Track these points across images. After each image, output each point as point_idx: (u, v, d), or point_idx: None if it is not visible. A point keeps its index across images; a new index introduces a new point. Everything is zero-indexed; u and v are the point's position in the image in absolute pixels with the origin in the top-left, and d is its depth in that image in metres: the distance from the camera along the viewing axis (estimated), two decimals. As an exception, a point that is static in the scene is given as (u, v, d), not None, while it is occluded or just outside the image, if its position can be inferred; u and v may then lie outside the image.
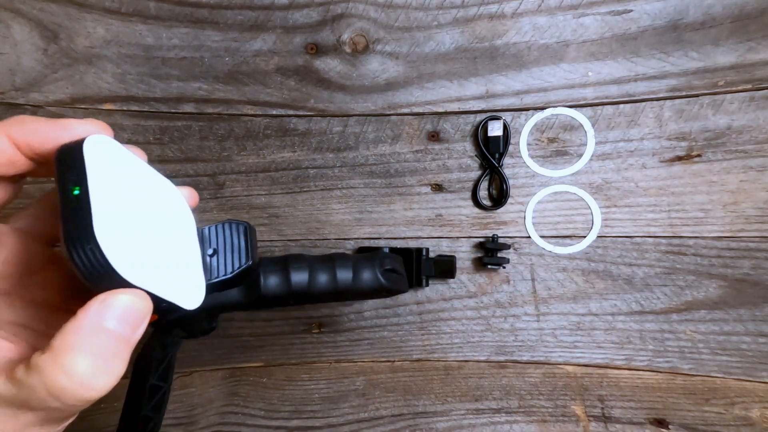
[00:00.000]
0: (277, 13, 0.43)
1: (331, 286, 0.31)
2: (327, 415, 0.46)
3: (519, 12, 0.43)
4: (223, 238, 0.28)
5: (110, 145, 0.22)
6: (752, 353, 0.44)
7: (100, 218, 0.19)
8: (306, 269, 0.31)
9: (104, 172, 0.21)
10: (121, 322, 0.19)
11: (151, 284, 0.20)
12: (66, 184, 0.20)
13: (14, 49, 0.43)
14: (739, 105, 0.43)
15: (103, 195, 0.21)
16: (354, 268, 0.32)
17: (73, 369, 0.18)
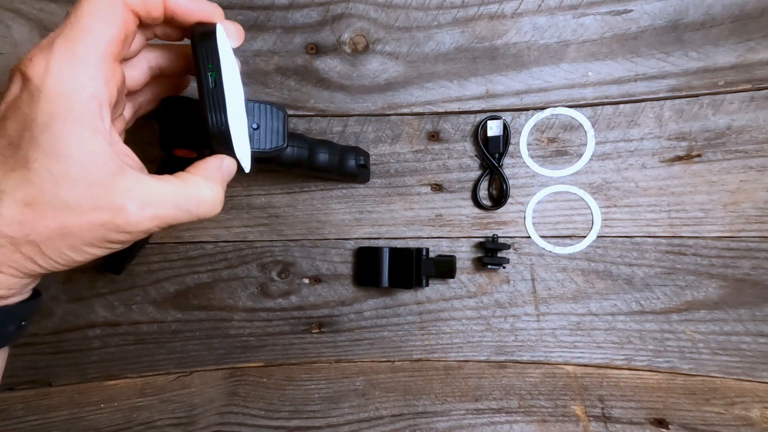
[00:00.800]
0: (277, 13, 0.43)
1: (318, 162, 0.40)
2: (327, 415, 0.46)
3: (519, 12, 0.43)
4: (266, 117, 0.35)
5: (220, 30, 0.30)
6: (752, 353, 0.44)
7: (228, 104, 0.30)
8: (306, 147, 0.39)
9: (224, 57, 0.30)
10: (227, 174, 0.32)
11: (241, 155, 0.32)
12: (205, 65, 0.29)
13: (14, 49, 0.43)
14: (739, 105, 0.43)
15: (226, 80, 0.30)
16: (339, 154, 0.41)
17: (206, 187, 0.29)
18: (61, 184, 0.24)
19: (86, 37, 0.25)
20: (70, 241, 0.26)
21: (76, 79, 0.25)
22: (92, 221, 0.25)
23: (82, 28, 0.25)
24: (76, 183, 0.25)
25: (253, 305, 0.46)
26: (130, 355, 0.46)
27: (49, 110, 0.24)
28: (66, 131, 0.24)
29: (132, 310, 0.45)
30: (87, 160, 0.25)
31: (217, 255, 0.45)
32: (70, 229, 0.25)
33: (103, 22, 0.25)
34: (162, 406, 0.46)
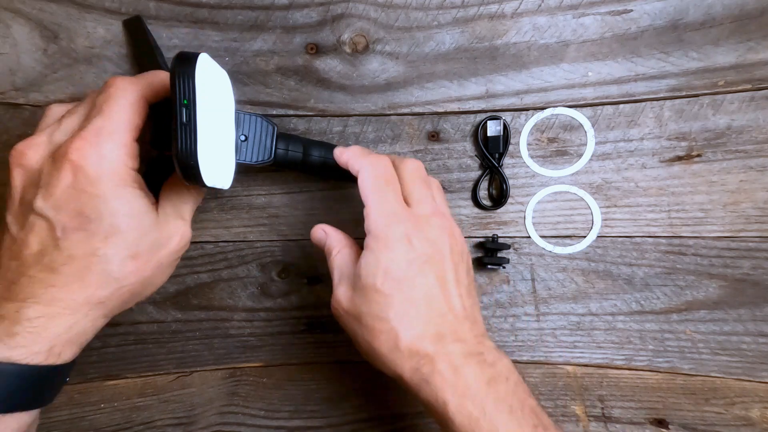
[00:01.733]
0: (277, 13, 0.43)
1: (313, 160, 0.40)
2: (327, 415, 0.46)
3: (519, 12, 0.43)
4: (255, 130, 0.36)
5: (203, 59, 0.31)
6: (752, 353, 0.44)
7: (200, 141, 0.30)
8: (300, 149, 0.39)
9: (202, 87, 0.30)
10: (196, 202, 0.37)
11: (213, 182, 0.32)
12: (180, 100, 0.29)
13: (14, 49, 0.43)
14: (739, 105, 0.43)
15: (201, 112, 0.30)
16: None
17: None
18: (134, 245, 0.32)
19: (121, 128, 0.31)
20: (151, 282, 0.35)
21: (120, 162, 0.31)
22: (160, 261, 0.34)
23: (119, 119, 0.31)
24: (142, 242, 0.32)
25: (253, 305, 0.46)
26: (130, 355, 0.46)
27: (111, 190, 0.30)
28: (122, 202, 0.31)
29: (132, 310, 0.45)
30: (142, 222, 0.32)
31: (217, 255, 0.45)
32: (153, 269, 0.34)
33: (132, 114, 0.32)
34: (162, 406, 0.46)
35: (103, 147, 0.30)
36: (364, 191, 0.34)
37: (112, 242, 0.30)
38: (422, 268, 0.33)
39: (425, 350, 0.31)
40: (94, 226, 0.30)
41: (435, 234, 0.34)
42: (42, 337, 0.29)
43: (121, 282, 0.31)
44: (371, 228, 0.34)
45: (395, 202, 0.34)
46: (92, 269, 0.30)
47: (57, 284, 0.30)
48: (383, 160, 0.35)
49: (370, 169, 0.34)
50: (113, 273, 0.31)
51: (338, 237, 0.37)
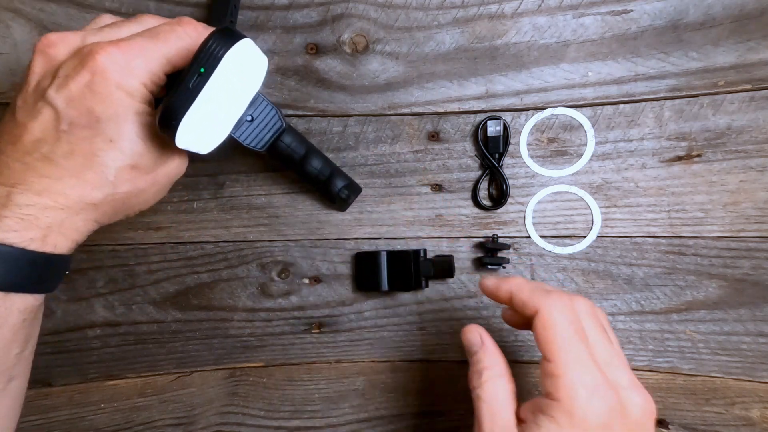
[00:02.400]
0: (277, 13, 0.43)
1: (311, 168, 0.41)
2: (327, 415, 0.46)
3: (519, 12, 0.43)
4: (264, 118, 0.36)
5: (245, 44, 0.31)
6: (752, 353, 0.44)
7: (192, 110, 0.30)
8: (304, 149, 0.40)
9: (229, 67, 0.31)
10: None
11: (186, 146, 0.32)
12: (198, 65, 0.30)
13: (14, 49, 0.43)
14: (739, 105, 0.43)
15: (211, 86, 0.30)
16: (330, 174, 0.42)
17: None
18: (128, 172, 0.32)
19: (161, 57, 0.31)
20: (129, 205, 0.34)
21: (144, 80, 0.31)
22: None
23: (163, 50, 0.31)
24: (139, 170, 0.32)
25: (253, 305, 0.46)
26: (130, 355, 0.46)
27: (126, 100, 0.30)
28: (134, 113, 0.31)
29: (132, 310, 0.45)
30: (148, 137, 0.32)
31: (217, 255, 0.45)
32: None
33: (181, 53, 0.32)
34: (162, 406, 0.46)
35: (133, 61, 0.30)
36: (549, 344, 0.29)
37: (116, 146, 0.30)
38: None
39: None
40: (102, 126, 0.30)
41: (637, 415, 0.29)
42: (34, 225, 0.29)
43: (115, 187, 0.31)
44: (564, 398, 0.27)
45: (594, 370, 0.28)
46: (91, 168, 0.30)
47: (52, 176, 0.29)
48: (566, 302, 0.29)
49: (555, 314, 0.29)
50: (110, 176, 0.31)
51: (495, 356, 0.31)
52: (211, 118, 0.32)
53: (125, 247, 0.45)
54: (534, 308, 0.30)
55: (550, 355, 0.28)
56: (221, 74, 0.31)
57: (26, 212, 0.29)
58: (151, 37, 0.31)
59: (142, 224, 0.45)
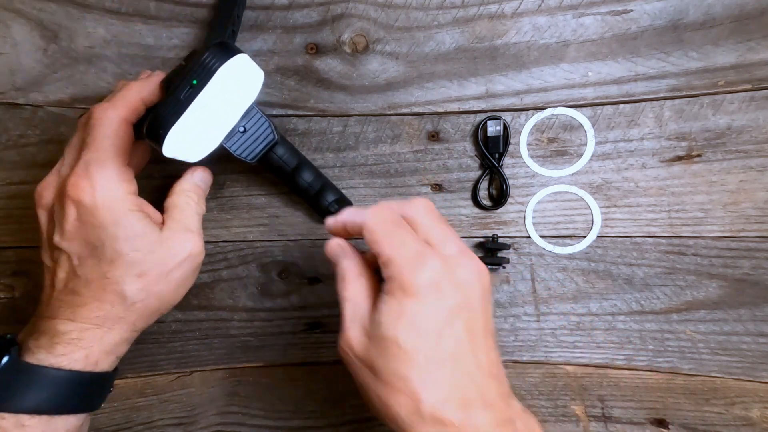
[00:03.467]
0: (277, 13, 0.43)
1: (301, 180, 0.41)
2: (327, 415, 0.46)
3: (519, 12, 0.43)
4: (257, 130, 0.36)
5: (242, 59, 0.32)
6: (752, 353, 0.44)
7: (181, 121, 0.31)
8: (296, 161, 0.40)
9: (222, 81, 0.31)
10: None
11: (173, 155, 0.34)
12: (190, 77, 0.31)
13: (14, 49, 0.43)
14: (739, 105, 0.43)
15: (202, 100, 0.31)
16: (320, 187, 0.42)
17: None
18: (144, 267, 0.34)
19: (109, 157, 0.34)
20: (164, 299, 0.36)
21: (114, 189, 0.34)
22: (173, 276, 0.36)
23: (103, 149, 0.34)
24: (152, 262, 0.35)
25: (253, 305, 0.46)
26: (130, 355, 0.45)
27: (108, 218, 0.33)
28: (121, 227, 0.33)
29: (132, 310, 0.45)
30: (144, 242, 0.34)
31: (217, 255, 0.45)
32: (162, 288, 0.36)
33: (116, 139, 0.34)
34: (162, 406, 0.46)
35: (94, 179, 0.33)
36: (375, 242, 0.31)
37: (117, 265, 0.33)
38: (451, 321, 0.30)
39: (450, 419, 0.28)
40: (99, 252, 0.33)
41: (465, 277, 0.31)
42: (77, 346, 0.33)
43: (133, 299, 0.34)
44: (395, 274, 0.30)
45: (415, 242, 0.31)
46: (106, 290, 0.33)
47: (80, 304, 0.33)
48: (384, 206, 0.32)
49: (373, 218, 0.31)
50: (125, 292, 0.33)
51: (355, 261, 0.33)
52: (200, 129, 0.33)
53: (125, 247, 0.45)
54: (359, 224, 0.33)
55: (379, 249, 0.31)
56: (214, 87, 0.31)
57: (70, 337, 0.33)
58: (87, 148, 0.34)
59: (142, 224, 0.45)
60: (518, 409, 0.31)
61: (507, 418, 0.30)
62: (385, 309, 0.30)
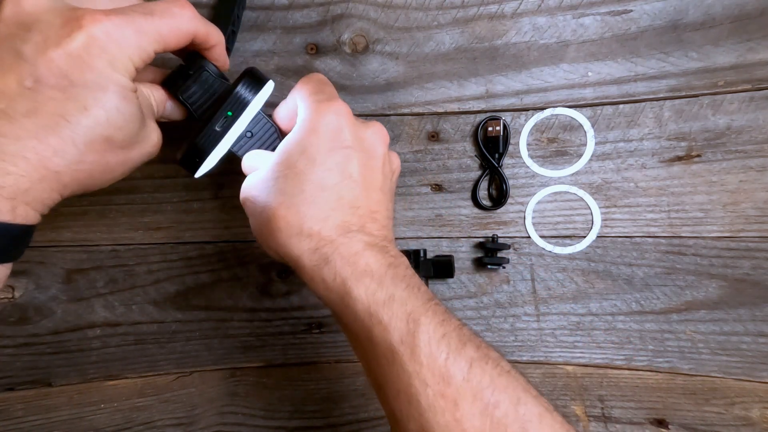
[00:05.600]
0: (277, 13, 0.43)
1: None
2: (327, 415, 0.46)
3: (519, 12, 0.43)
4: (263, 135, 0.37)
5: (268, 87, 0.35)
6: (752, 353, 0.44)
7: (217, 150, 0.34)
8: None
9: (250, 110, 0.34)
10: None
11: (201, 172, 0.35)
12: (226, 109, 0.33)
13: (14, 50, 0.43)
14: (739, 105, 0.43)
15: (236, 127, 0.34)
16: None
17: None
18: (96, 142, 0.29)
19: (154, 36, 0.30)
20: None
21: (132, 57, 0.29)
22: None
23: (157, 29, 0.30)
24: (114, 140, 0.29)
25: (253, 305, 0.46)
26: (130, 355, 0.46)
27: (110, 70, 0.28)
28: (118, 85, 0.29)
29: (132, 310, 0.45)
30: (128, 111, 0.30)
31: (217, 255, 0.45)
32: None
33: (174, 36, 0.31)
34: (162, 406, 0.46)
35: (124, 35, 0.28)
36: (300, 95, 0.34)
37: (90, 114, 0.27)
38: (347, 157, 0.32)
39: (328, 234, 0.31)
40: (76, 91, 0.27)
41: (371, 137, 0.34)
42: (1, 196, 0.26)
43: (82, 158, 0.28)
44: (302, 114, 0.33)
45: (333, 96, 0.33)
46: (55, 131, 0.27)
47: (9, 135, 0.26)
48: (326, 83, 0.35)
49: (305, 79, 0.34)
50: (78, 144, 0.27)
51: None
52: (223, 146, 0.35)
53: (125, 248, 0.45)
54: (294, 92, 0.35)
55: (299, 103, 0.34)
56: (245, 116, 0.33)
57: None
58: (145, 13, 0.29)
59: (142, 224, 0.45)
60: (395, 249, 0.33)
61: (381, 245, 0.32)
62: (285, 141, 0.33)
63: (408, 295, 0.30)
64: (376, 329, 0.30)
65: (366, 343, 0.31)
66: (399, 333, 0.29)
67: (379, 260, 0.31)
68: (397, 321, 0.29)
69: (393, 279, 0.30)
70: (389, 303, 0.30)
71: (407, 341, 0.29)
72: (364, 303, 0.30)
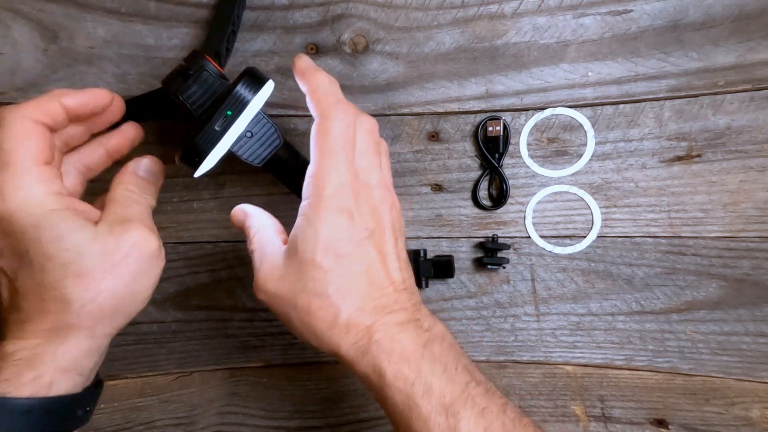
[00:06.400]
0: (277, 13, 0.43)
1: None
2: (327, 415, 0.46)
3: (519, 12, 0.43)
4: (263, 135, 0.37)
5: (268, 86, 0.35)
6: (752, 353, 0.44)
7: (216, 149, 0.34)
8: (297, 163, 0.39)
9: (250, 109, 0.34)
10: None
11: (200, 172, 0.35)
12: (225, 108, 0.33)
13: (14, 49, 0.43)
14: (739, 105, 0.43)
15: (235, 127, 0.34)
16: None
17: None
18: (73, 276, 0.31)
19: (18, 157, 0.30)
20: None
21: (27, 191, 0.30)
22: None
23: (10, 152, 0.30)
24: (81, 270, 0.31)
25: (253, 305, 0.46)
26: (130, 355, 0.46)
27: (27, 221, 0.30)
28: (42, 230, 0.30)
29: (132, 310, 0.45)
30: (74, 240, 0.31)
31: (217, 255, 0.45)
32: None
33: (23, 141, 0.30)
34: (162, 406, 0.46)
35: (2, 185, 0.30)
36: (321, 146, 0.32)
37: (48, 269, 0.30)
38: (363, 243, 0.32)
39: (364, 323, 0.31)
40: (27, 260, 0.30)
41: (376, 207, 0.33)
42: (25, 368, 0.29)
43: (79, 302, 0.30)
44: (312, 195, 0.32)
45: (347, 173, 0.32)
46: (45, 298, 0.30)
47: (24, 320, 0.31)
48: (351, 114, 0.33)
49: (340, 124, 0.32)
50: (66, 296, 0.30)
51: (258, 217, 0.36)
52: (223, 146, 0.35)
53: (125, 247, 0.45)
54: (321, 112, 0.33)
55: (316, 158, 0.32)
56: (245, 116, 0.33)
57: (17, 357, 0.30)
58: (1, 153, 0.30)
59: (142, 224, 0.45)
60: (426, 313, 0.33)
61: (413, 318, 0.32)
62: (301, 235, 0.31)
63: (446, 382, 0.30)
64: (416, 424, 0.29)
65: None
66: (439, 428, 0.29)
67: (414, 340, 0.31)
68: (436, 415, 0.29)
69: (431, 363, 0.30)
70: (427, 395, 0.29)
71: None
72: (402, 394, 0.30)
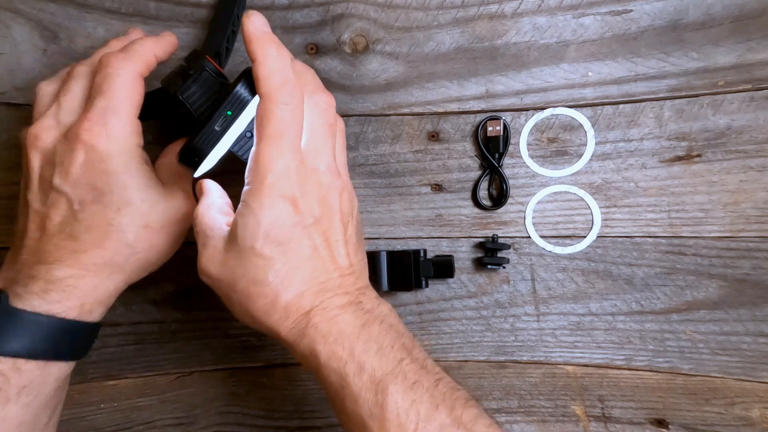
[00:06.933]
0: (277, 13, 0.43)
1: None
2: (327, 415, 0.46)
3: (519, 12, 0.43)
4: None
5: None
6: (752, 353, 0.44)
7: (216, 150, 0.34)
8: None
9: (251, 107, 0.33)
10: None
11: (201, 172, 0.35)
12: (225, 108, 0.33)
13: (14, 49, 0.43)
14: (739, 105, 0.43)
15: (235, 127, 0.34)
16: None
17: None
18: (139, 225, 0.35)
19: (124, 106, 0.34)
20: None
21: (127, 139, 0.34)
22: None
23: (120, 99, 0.33)
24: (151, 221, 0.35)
25: (253, 305, 0.46)
26: (130, 355, 0.46)
27: (120, 166, 0.33)
28: (131, 176, 0.34)
29: (132, 310, 0.45)
30: (151, 194, 0.35)
31: (217, 255, 0.45)
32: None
33: (132, 92, 0.34)
34: (162, 406, 0.46)
35: (110, 126, 0.33)
36: (264, 131, 0.30)
37: (124, 213, 0.34)
38: (308, 230, 0.31)
39: (303, 307, 0.31)
40: (107, 198, 0.33)
41: (324, 193, 0.32)
42: (73, 294, 0.33)
43: (135, 248, 0.34)
44: (254, 181, 0.31)
45: (291, 159, 0.30)
46: (109, 237, 0.33)
47: (79, 249, 0.33)
48: (297, 96, 0.31)
49: (284, 108, 0.30)
50: (128, 240, 0.34)
51: (209, 194, 0.35)
52: (222, 147, 0.35)
53: (125, 247, 0.45)
54: (265, 93, 0.31)
55: (259, 142, 0.31)
56: (243, 116, 0.33)
57: (66, 283, 0.32)
58: (103, 95, 0.33)
59: (142, 224, 0.45)
60: (371, 296, 0.33)
61: (355, 301, 0.32)
62: (241, 223, 0.31)
63: (378, 360, 0.29)
64: (348, 402, 0.29)
65: (342, 416, 0.30)
66: (368, 405, 0.29)
67: (351, 322, 0.31)
68: (365, 392, 0.29)
69: (365, 343, 0.30)
70: (359, 374, 0.29)
71: (376, 413, 0.28)
72: (336, 374, 0.30)
